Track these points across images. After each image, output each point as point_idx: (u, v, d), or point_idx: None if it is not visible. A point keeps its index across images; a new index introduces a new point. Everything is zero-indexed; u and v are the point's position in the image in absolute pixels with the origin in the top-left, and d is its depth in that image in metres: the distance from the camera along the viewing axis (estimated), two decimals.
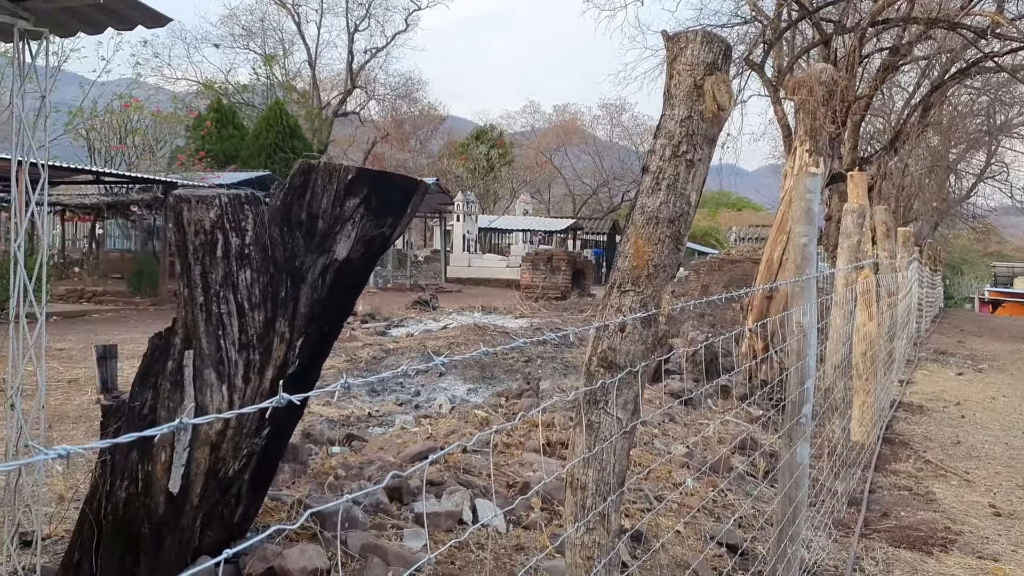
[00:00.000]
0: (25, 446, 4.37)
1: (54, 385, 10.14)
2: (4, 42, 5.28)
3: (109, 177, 23.21)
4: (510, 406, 8.18)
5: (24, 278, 4.42)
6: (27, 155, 4.56)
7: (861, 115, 20.42)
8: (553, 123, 62.48)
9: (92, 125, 28.83)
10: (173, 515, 3.72)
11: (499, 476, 5.41)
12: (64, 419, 8.24)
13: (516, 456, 5.90)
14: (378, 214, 4.08)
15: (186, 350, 3.90)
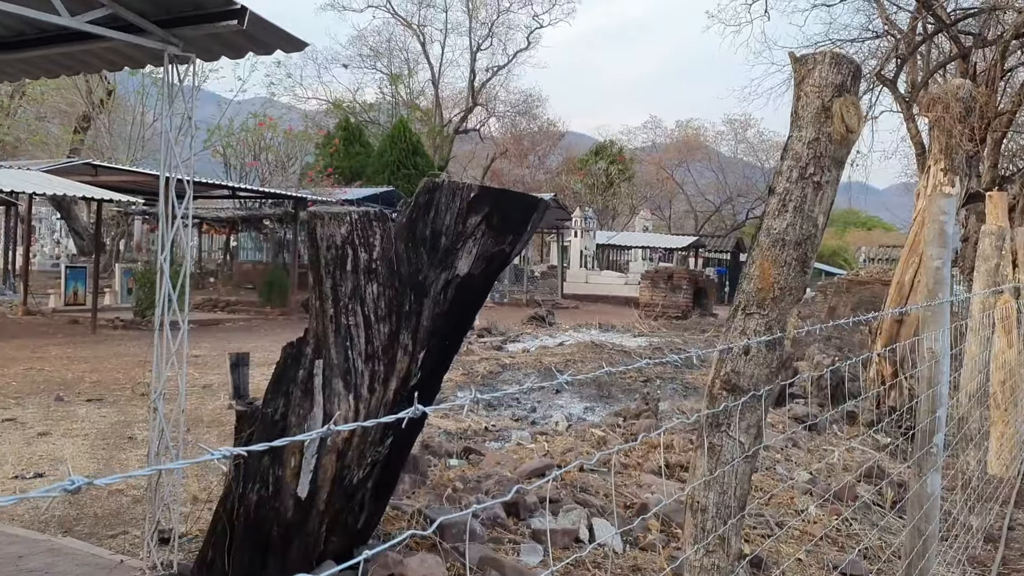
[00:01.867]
0: (165, 447, 4.62)
1: (190, 390, 10.66)
2: (154, 66, 5.63)
3: (244, 192, 24.30)
4: (628, 426, 8.13)
5: (169, 288, 4.68)
6: (173, 171, 4.84)
7: (1003, 132, 19.41)
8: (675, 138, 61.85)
9: (229, 142, 30.26)
10: (301, 519, 3.86)
11: (616, 496, 5.38)
12: (199, 423, 8.64)
13: (634, 477, 5.86)
14: (499, 231, 4.15)
15: (316, 359, 4.05)
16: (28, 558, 4.48)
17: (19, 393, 10.08)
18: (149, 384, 7.93)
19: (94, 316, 17.14)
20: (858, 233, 64.03)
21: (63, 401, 9.69)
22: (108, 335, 16.43)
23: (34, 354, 13.26)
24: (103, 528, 5.47)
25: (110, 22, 4.66)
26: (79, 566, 4.43)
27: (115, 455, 7.40)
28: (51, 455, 7.29)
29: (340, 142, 37.84)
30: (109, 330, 17.15)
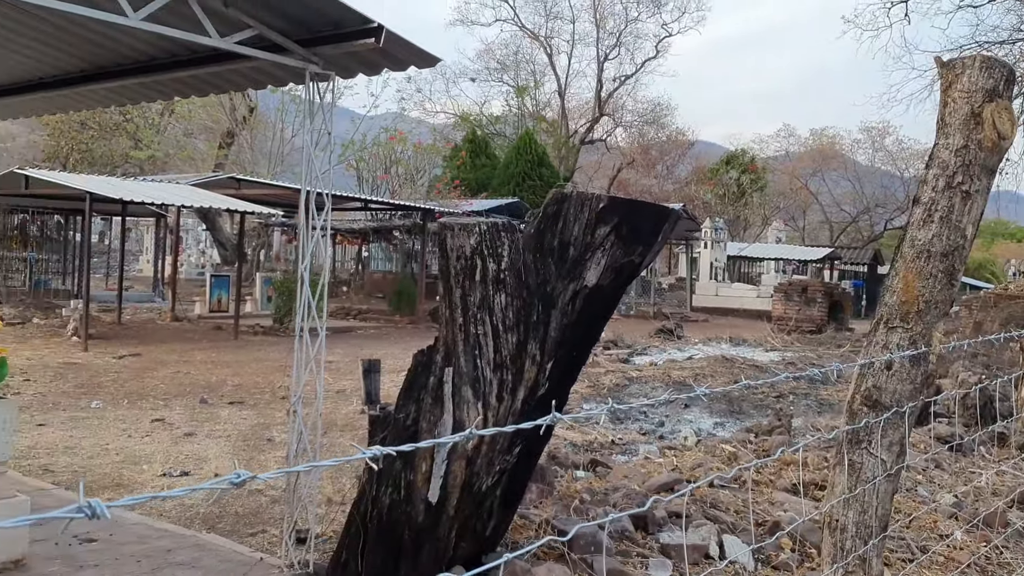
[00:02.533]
0: (303, 450, 4.79)
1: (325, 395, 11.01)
2: (296, 84, 5.87)
3: (375, 204, 25.01)
4: (760, 442, 7.92)
5: (309, 296, 4.86)
6: (313, 185, 5.03)
7: None
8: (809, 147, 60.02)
9: (361, 157, 31.23)
10: (431, 524, 3.94)
11: (747, 513, 5.25)
12: (333, 426, 8.92)
13: (766, 494, 5.71)
14: (628, 242, 4.12)
15: (446, 367, 4.12)
16: (176, 552, 4.73)
17: (167, 395, 10.66)
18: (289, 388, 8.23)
19: (236, 323, 17.96)
20: (1008, 245, 60.46)
21: (207, 403, 10.19)
22: (249, 341, 17.18)
23: (181, 358, 14.01)
24: (243, 526, 5.72)
25: (256, 42, 4.88)
26: (222, 561, 4.64)
27: (255, 456, 7.73)
28: (196, 455, 7.67)
29: (467, 154, 38.46)
30: (250, 336, 17.94)
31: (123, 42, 5.61)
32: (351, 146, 30.27)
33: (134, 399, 10.24)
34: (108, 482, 6.65)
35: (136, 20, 4.26)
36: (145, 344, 15.45)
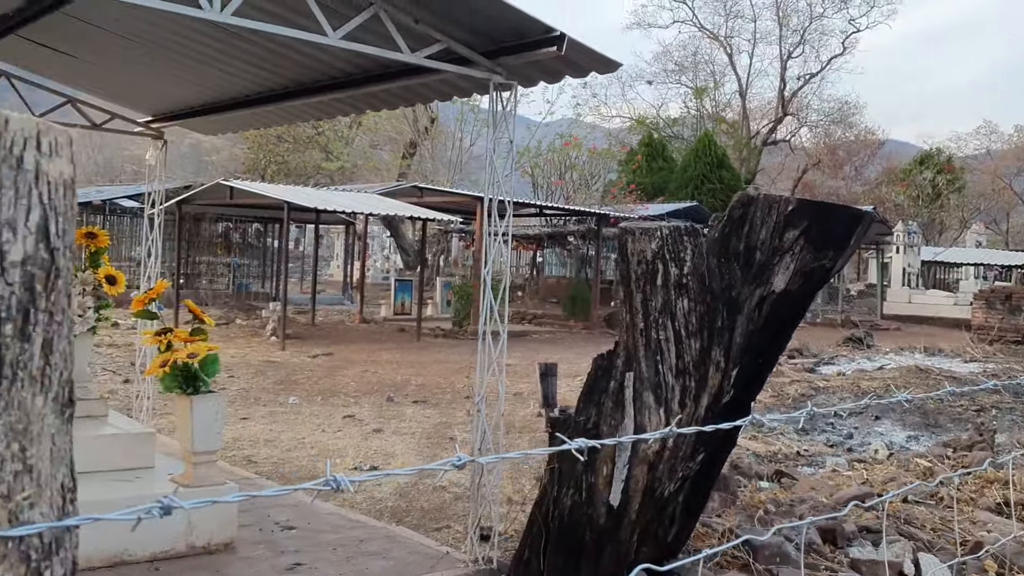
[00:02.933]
0: (487, 449, 4.92)
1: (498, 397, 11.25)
2: (479, 94, 6.05)
3: (550, 210, 25.29)
4: (958, 458, 7.45)
5: (491, 299, 5.00)
6: (496, 192, 5.16)
7: None
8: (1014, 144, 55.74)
9: (536, 163, 31.66)
10: (612, 527, 3.95)
11: (945, 532, 4.95)
12: (511, 428, 9.10)
13: (966, 512, 5.36)
14: (818, 246, 3.99)
15: (627, 372, 4.13)
16: (368, 542, 4.98)
17: (357, 392, 11.20)
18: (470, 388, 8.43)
19: (418, 325, 18.64)
20: None
21: (393, 401, 10.63)
22: (430, 343, 17.79)
23: (369, 358, 14.68)
24: (429, 521, 5.94)
25: (443, 56, 5.07)
26: (411, 553, 4.85)
27: (438, 453, 8.00)
28: (384, 450, 8.03)
29: (643, 158, 38.20)
30: (431, 338, 18.57)
31: (322, 60, 5.96)
32: (526, 153, 30.74)
33: (327, 396, 10.83)
34: (305, 474, 7.07)
35: (335, 39, 4.52)
36: (336, 344, 16.29)
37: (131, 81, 7.97)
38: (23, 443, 1.02)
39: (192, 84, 7.43)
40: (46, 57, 7.46)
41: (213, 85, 7.28)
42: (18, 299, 1.00)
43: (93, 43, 6.93)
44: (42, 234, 1.02)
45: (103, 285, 5.94)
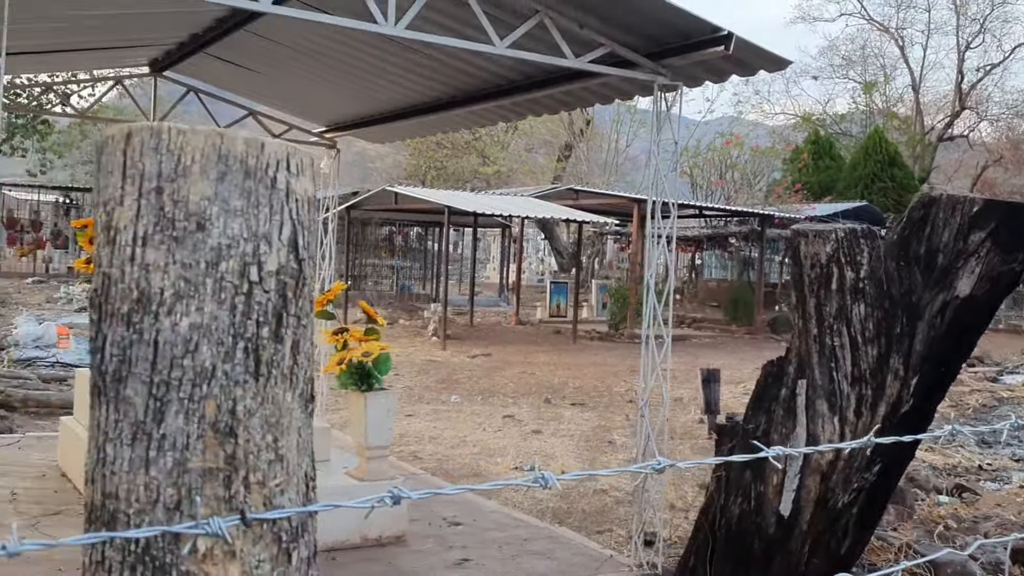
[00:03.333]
0: (652, 454, 4.90)
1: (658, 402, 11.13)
2: (642, 96, 6.02)
3: (710, 211, 24.80)
4: None
5: (654, 302, 4.97)
6: (660, 194, 5.13)
7: None
8: None
9: (696, 163, 31.11)
10: (782, 537, 3.86)
11: None
12: (671, 433, 8.99)
13: None
14: (1007, 248, 3.77)
15: (799, 379, 4.02)
16: (532, 541, 5.05)
17: (515, 393, 11.37)
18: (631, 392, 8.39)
19: (574, 328, 18.70)
20: None
21: (551, 403, 10.73)
22: (586, 345, 17.81)
23: (526, 359, 14.86)
24: (590, 524, 5.96)
25: (607, 60, 5.09)
26: (574, 555, 4.88)
27: (597, 456, 8.02)
28: (543, 451, 8.12)
29: (808, 156, 36.83)
30: (587, 341, 18.59)
31: (487, 69, 6.10)
32: (685, 152, 30.30)
33: (486, 396, 11.04)
34: (467, 471, 7.25)
35: (502, 48, 4.62)
36: (493, 345, 16.57)
37: (307, 94, 8.40)
38: (275, 435, 1.13)
39: (363, 96, 7.76)
40: (230, 73, 7.97)
41: (383, 96, 7.58)
42: (273, 305, 1.11)
43: (273, 59, 7.35)
44: (292, 246, 1.13)
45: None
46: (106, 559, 1.11)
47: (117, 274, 1.08)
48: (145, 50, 7.82)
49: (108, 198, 1.10)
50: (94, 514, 1.13)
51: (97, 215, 1.12)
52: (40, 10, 5.49)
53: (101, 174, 1.13)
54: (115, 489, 1.10)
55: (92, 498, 1.14)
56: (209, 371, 1.08)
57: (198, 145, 1.07)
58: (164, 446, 1.08)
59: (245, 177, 1.09)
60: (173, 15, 6.36)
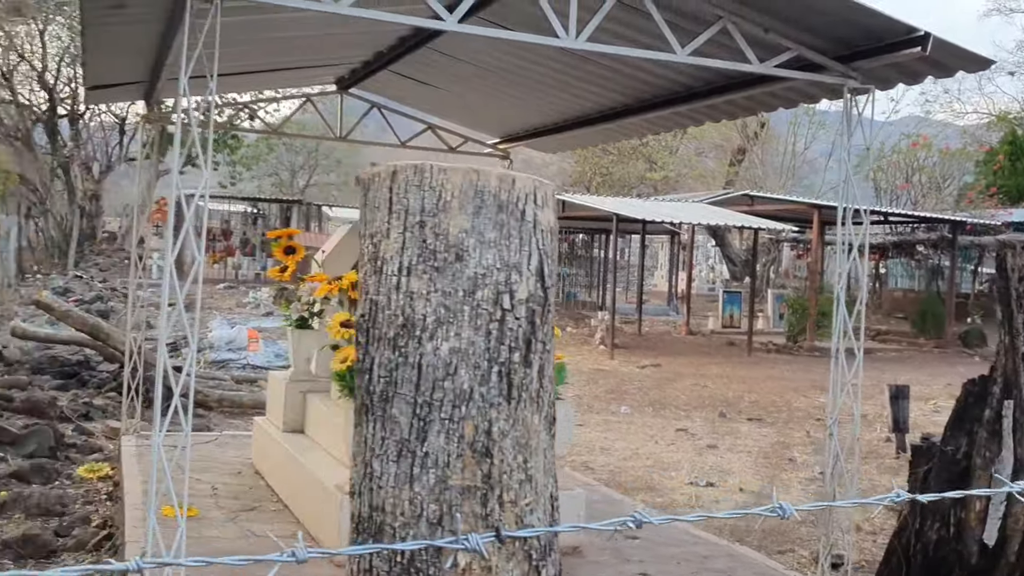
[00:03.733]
0: (839, 474, 4.69)
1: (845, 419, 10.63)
2: (829, 99, 5.79)
3: (895, 217, 23.53)
4: None
5: (844, 315, 4.75)
6: (851, 201, 4.92)
7: None
8: None
9: (880, 166, 29.64)
10: (986, 567, 3.60)
11: None
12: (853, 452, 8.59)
13: None
14: None
15: (1005, 399, 3.75)
16: (712, 559, 4.94)
17: (687, 406, 11.17)
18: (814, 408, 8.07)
19: (749, 339, 18.18)
20: None
21: (725, 417, 10.47)
22: (762, 358, 17.28)
23: (697, 371, 14.58)
24: (770, 543, 5.77)
25: (792, 64, 4.93)
26: (756, 575, 4.74)
27: (777, 474, 7.75)
28: (719, 467, 7.93)
29: (1005, 158, 34.31)
30: (762, 353, 18.03)
31: (665, 76, 6.04)
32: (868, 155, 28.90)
33: (657, 407, 10.91)
34: (640, 484, 7.17)
35: (684, 56, 4.56)
36: (663, 355, 16.36)
37: (482, 107, 8.60)
38: (525, 455, 1.18)
39: (538, 107, 7.86)
40: (410, 88, 8.26)
41: (557, 107, 7.65)
42: (523, 331, 1.17)
43: (452, 74, 7.57)
44: (539, 275, 1.18)
45: None
46: (373, 568, 1.18)
47: (384, 301, 1.17)
48: (332, 68, 8.22)
49: (375, 231, 1.19)
50: (361, 525, 1.22)
51: (363, 246, 1.21)
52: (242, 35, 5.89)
53: (367, 208, 1.22)
54: (381, 503, 1.17)
55: (359, 510, 1.22)
56: (467, 393, 1.14)
57: (456, 182, 1.15)
58: (427, 463, 1.15)
59: (498, 211, 1.16)
60: (360, 35, 6.66)
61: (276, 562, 0.97)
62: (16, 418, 8.06)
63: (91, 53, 6.11)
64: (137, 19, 5.14)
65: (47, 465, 6.83)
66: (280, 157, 43.43)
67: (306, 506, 5.27)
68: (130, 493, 5.66)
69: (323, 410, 5.82)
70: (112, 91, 8.14)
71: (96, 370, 10.32)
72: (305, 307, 6.34)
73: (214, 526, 5.13)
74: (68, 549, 5.45)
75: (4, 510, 5.98)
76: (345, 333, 4.95)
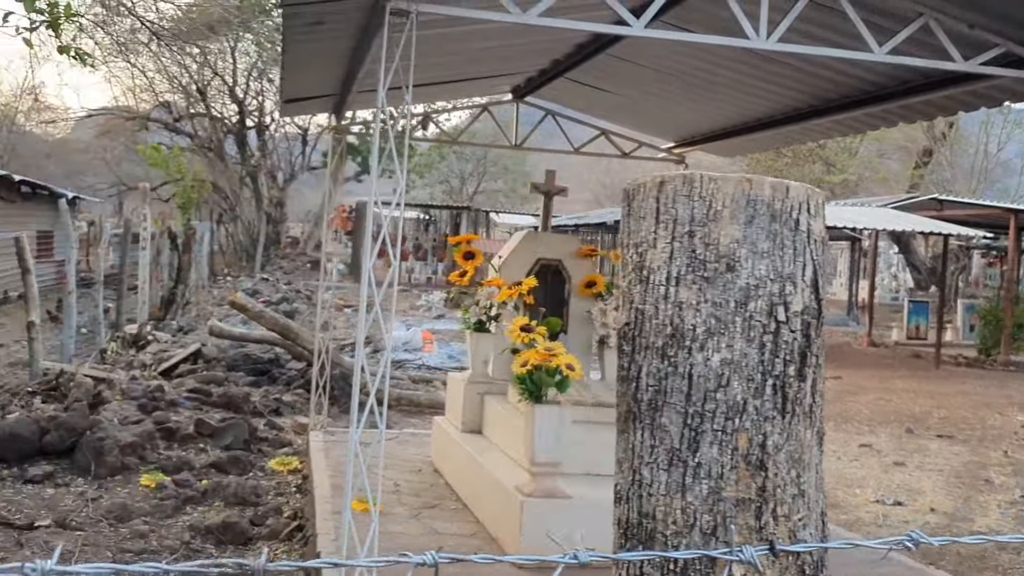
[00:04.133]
0: None
1: None
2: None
3: None
4: None
5: None
6: None
7: None
8: None
9: None
10: None
11: None
12: None
13: None
14: None
15: None
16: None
17: (871, 421, 10.63)
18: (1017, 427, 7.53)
19: (937, 352, 17.11)
20: None
21: (913, 433, 9.90)
22: (951, 372, 16.24)
23: (880, 384, 13.86)
24: (968, 568, 5.43)
25: (999, 60, 4.61)
26: None
27: (972, 496, 7.26)
28: (908, 485, 7.50)
29: None
30: (952, 367, 16.94)
31: (855, 75, 5.78)
32: None
33: (839, 422, 10.44)
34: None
35: (881, 55, 4.35)
36: (843, 367, 15.64)
37: (657, 111, 8.51)
38: (798, 470, 1.17)
39: (715, 109, 7.70)
40: (585, 95, 8.28)
41: (735, 109, 7.47)
42: (798, 344, 1.16)
43: (629, 79, 7.53)
44: (813, 287, 1.17)
45: None
46: (644, 574, 1.19)
47: (651, 310, 1.18)
48: (509, 78, 8.36)
49: (640, 240, 1.20)
50: (630, 531, 1.23)
51: (627, 255, 1.22)
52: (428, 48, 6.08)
53: (631, 218, 1.23)
54: (651, 510, 1.18)
55: (627, 516, 1.24)
56: (740, 405, 1.13)
57: (728, 191, 1.15)
58: (700, 474, 1.15)
59: (771, 220, 1.15)
60: (538, 44, 6.73)
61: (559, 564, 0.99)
62: (214, 411, 8.64)
63: (289, 68, 6.46)
64: (332, 35, 5.40)
65: (242, 457, 7.27)
66: (451, 165, 44.64)
67: (486, 506, 5.37)
68: (319, 487, 5.93)
69: (501, 412, 5.92)
70: (305, 104, 8.59)
71: (285, 368, 10.91)
72: (483, 311, 6.47)
73: (398, 522, 5.30)
74: (263, 537, 5.76)
75: (205, 498, 6.42)
76: (524, 337, 5.01)
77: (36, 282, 9.61)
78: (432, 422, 7.16)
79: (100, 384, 8.64)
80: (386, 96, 4.08)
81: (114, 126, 36.42)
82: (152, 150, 27.64)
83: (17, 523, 5.60)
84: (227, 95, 35.06)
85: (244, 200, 35.76)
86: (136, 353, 11.78)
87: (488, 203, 43.59)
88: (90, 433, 6.93)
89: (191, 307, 17.90)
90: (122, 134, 36.48)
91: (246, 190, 36.04)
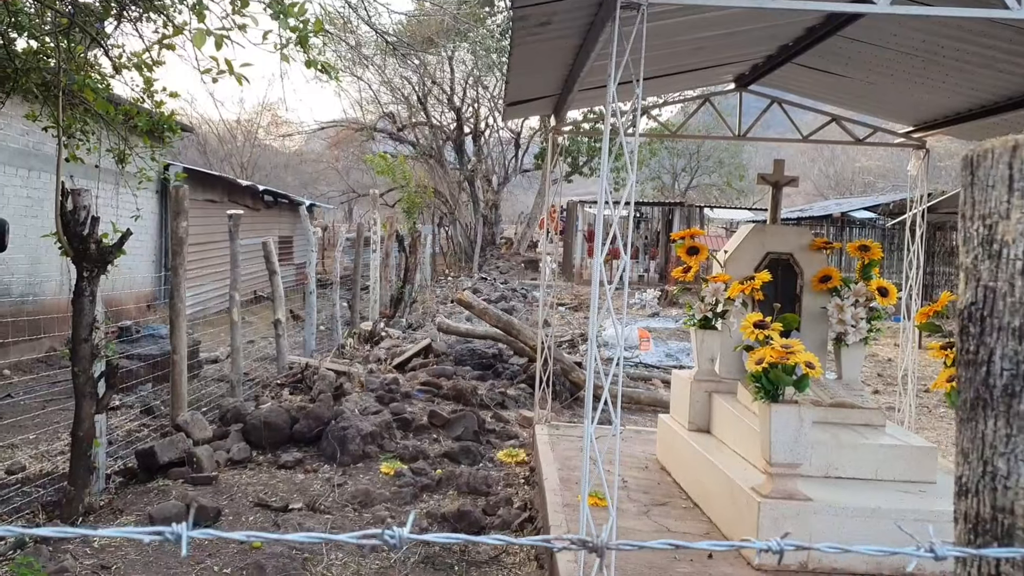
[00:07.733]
0: None
1: None
2: None
3: None
4: None
5: None
6: None
7: None
8: None
9: None
10: None
11: None
12: None
13: None
14: None
15: None
16: None
17: None
18: None
19: None
20: None
21: None
22: None
23: None
24: None
25: None
26: None
27: None
28: None
29: None
30: None
31: None
32: None
33: None
34: None
35: None
36: None
37: (894, 94, 7.99)
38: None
39: (962, 89, 7.14)
40: (813, 80, 7.91)
41: (987, 88, 6.89)
42: None
43: (861, 61, 7.12)
44: None
45: (876, 297, 6.05)
46: (1001, 573, 1.12)
47: (1004, 287, 1.09)
48: (732, 67, 8.13)
49: (988, 212, 1.11)
50: (980, 526, 1.15)
51: (971, 229, 1.14)
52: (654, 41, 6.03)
53: (975, 188, 1.14)
54: (1009, 504, 1.11)
55: (977, 510, 1.16)
56: None
57: None
58: None
59: None
60: (766, 29, 6.51)
61: (913, 556, 0.94)
62: (445, 403, 9.00)
63: (514, 71, 6.61)
64: (558, 35, 5.47)
65: (472, 448, 7.52)
66: (661, 160, 44.16)
67: (718, 506, 5.25)
68: (548, 479, 6.03)
69: (731, 411, 5.77)
70: (527, 106, 8.77)
71: (508, 363, 11.20)
72: (708, 307, 6.33)
73: (629, 518, 5.29)
74: (495, 527, 5.91)
75: (439, 486, 6.68)
76: (758, 334, 4.85)
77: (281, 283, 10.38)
78: (654, 419, 7.09)
79: (341, 377, 9.23)
80: (615, 91, 4.07)
81: (343, 137, 38.90)
82: (380, 158, 29.24)
83: (273, 505, 6.05)
84: (445, 104, 36.50)
85: (462, 204, 37.08)
86: (371, 348, 12.50)
87: (701, 198, 42.73)
88: (334, 423, 7.40)
89: (417, 305, 18.77)
90: (351, 145, 38.90)
91: (463, 194, 37.35)
